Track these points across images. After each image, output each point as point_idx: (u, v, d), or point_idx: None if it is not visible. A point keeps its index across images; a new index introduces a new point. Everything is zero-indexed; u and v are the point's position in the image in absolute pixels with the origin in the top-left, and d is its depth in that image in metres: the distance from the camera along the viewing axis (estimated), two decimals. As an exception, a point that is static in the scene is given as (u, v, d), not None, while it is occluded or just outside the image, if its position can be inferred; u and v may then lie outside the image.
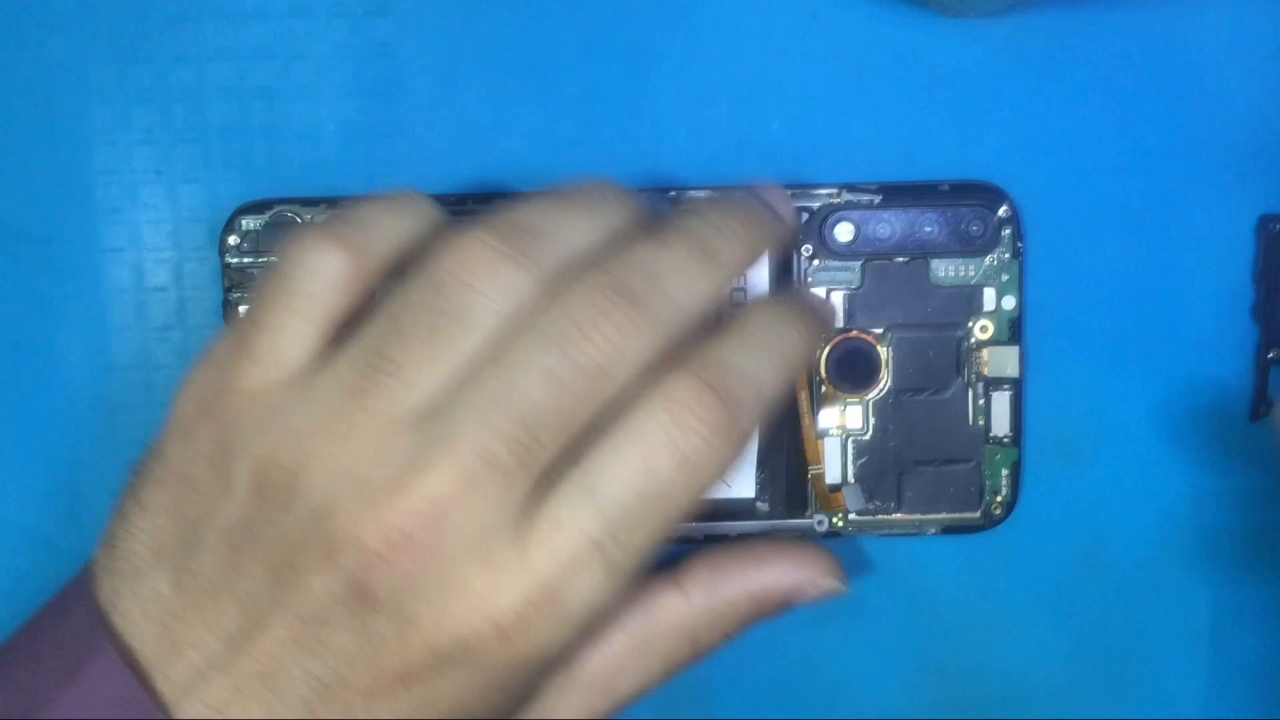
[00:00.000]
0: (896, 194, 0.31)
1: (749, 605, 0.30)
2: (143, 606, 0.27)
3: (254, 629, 0.26)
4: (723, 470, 0.26)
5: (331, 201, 0.32)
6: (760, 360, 0.27)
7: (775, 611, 0.31)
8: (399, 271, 0.27)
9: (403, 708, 0.26)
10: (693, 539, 0.32)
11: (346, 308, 0.27)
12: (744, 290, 0.31)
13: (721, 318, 0.28)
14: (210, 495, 0.27)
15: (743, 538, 0.32)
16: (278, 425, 0.26)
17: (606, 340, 0.26)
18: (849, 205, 0.31)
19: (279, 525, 0.26)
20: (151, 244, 0.32)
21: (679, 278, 0.27)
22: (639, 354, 0.26)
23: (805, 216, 0.32)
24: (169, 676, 0.26)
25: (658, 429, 0.26)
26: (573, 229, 0.27)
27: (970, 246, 0.32)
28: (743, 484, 0.32)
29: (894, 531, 0.32)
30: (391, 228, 0.27)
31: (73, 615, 0.27)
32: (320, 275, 0.26)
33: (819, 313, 0.30)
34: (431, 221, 0.28)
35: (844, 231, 0.32)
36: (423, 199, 0.28)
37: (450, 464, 0.25)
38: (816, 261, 0.32)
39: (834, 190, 0.32)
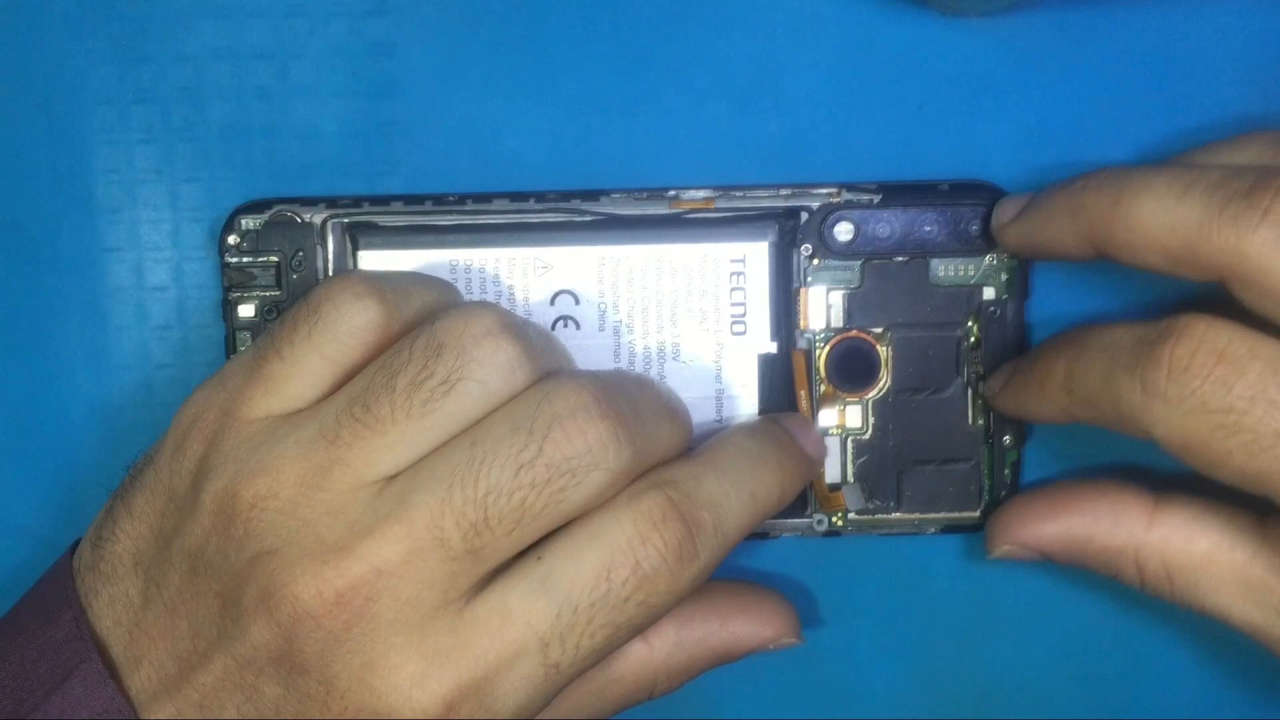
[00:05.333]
0: (896, 193, 0.31)
1: (711, 659, 0.30)
2: (114, 612, 0.27)
3: (200, 659, 0.26)
4: (675, 598, 0.26)
5: (331, 201, 0.32)
6: (731, 495, 0.27)
7: (734, 660, 0.31)
8: None
9: None
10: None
11: (364, 361, 0.27)
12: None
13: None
14: (184, 513, 0.27)
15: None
16: (252, 456, 0.26)
17: (586, 445, 0.25)
18: (849, 205, 0.31)
19: (230, 558, 0.26)
20: (151, 243, 0.32)
21: (661, 406, 0.28)
22: (612, 468, 0.26)
23: (805, 216, 0.32)
24: (130, 686, 0.27)
25: (622, 538, 0.26)
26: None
27: (970, 246, 0.32)
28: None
29: (893, 531, 0.32)
30: (428, 302, 0.28)
31: (58, 620, 0.27)
32: (354, 323, 0.26)
33: (805, 452, 0.30)
34: (456, 297, 0.29)
35: (843, 231, 0.32)
36: (453, 287, 0.29)
37: (399, 533, 0.25)
38: (816, 261, 0.32)
39: (834, 190, 0.32)
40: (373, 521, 0.25)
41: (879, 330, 0.32)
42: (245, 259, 0.32)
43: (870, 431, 0.32)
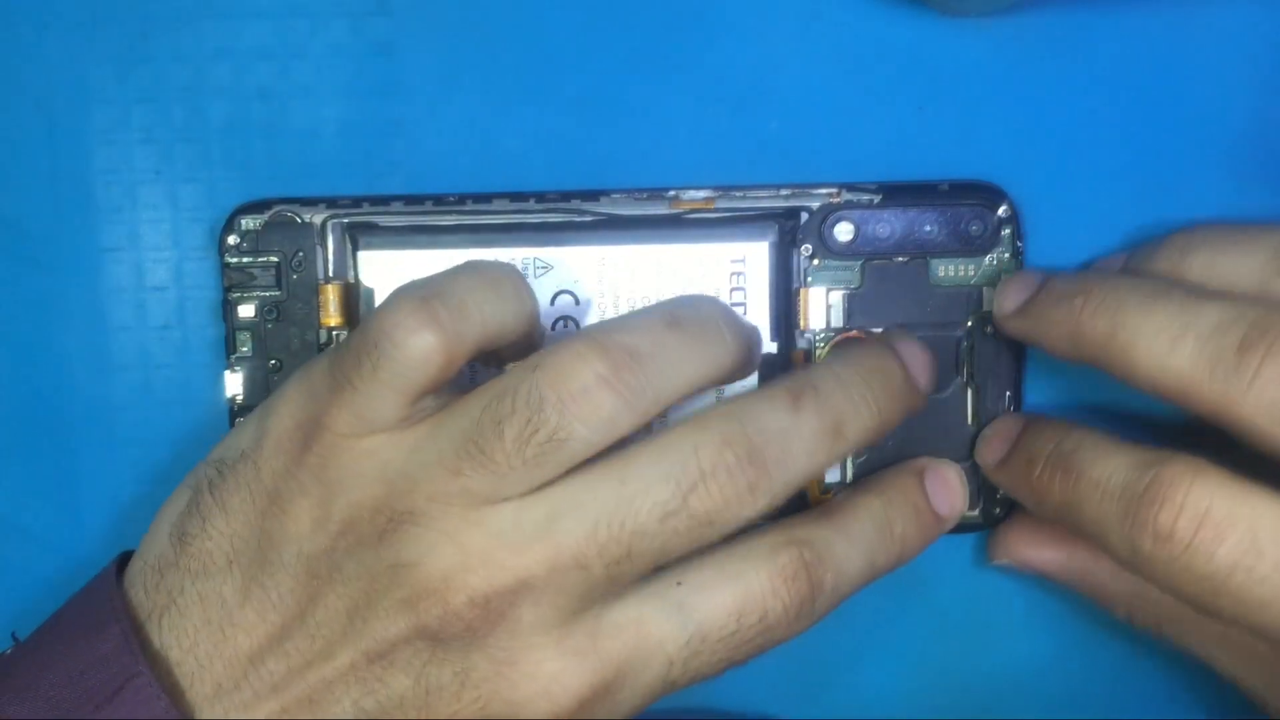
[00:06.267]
0: (896, 194, 0.31)
1: None
2: (204, 609, 0.27)
3: (319, 657, 0.27)
4: (781, 643, 0.28)
5: (331, 201, 0.32)
6: (854, 561, 0.29)
7: None
8: (491, 351, 0.28)
9: None
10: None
11: (436, 381, 0.27)
12: (744, 289, 0.31)
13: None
14: (299, 521, 0.27)
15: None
16: (381, 475, 0.27)
17: (724, 498, 0.27)
18: (849, 205, 0.31)
19: (366, 565, 0.27)
20: (151, 243, 0.32)
21: (804, 450, 0.27)
22: (747, 517, 0.27)
23: (805, 216, 0.32)
24: (220, 684, 0.27)
25: (757, 588, 0.27)
26: (683, 362, 0.27)
27: (970, 246, 0.32)
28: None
29: (894, 531, 0.32)
30: (487, 312, 0.27)
31: (106, 631, 0.27)
32: (411, 355, 0.26)
33: (938, 515, 0.31)
34: (527, 309, 0.28)
35: (844, 231, 0.32)
36: (520, 280, 0.28)
37: (545, 555, 0.26)
38: (816, 261, 0.32)
39: (834, 190, 0.32)
40: (518, 541, 0.26)
41: (879, 330, 0.32)
42: (245, 259, 0.32)
43: (870, 431, 0.32)
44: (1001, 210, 0.31)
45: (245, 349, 0.32)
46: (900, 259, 0.32)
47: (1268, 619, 0.26)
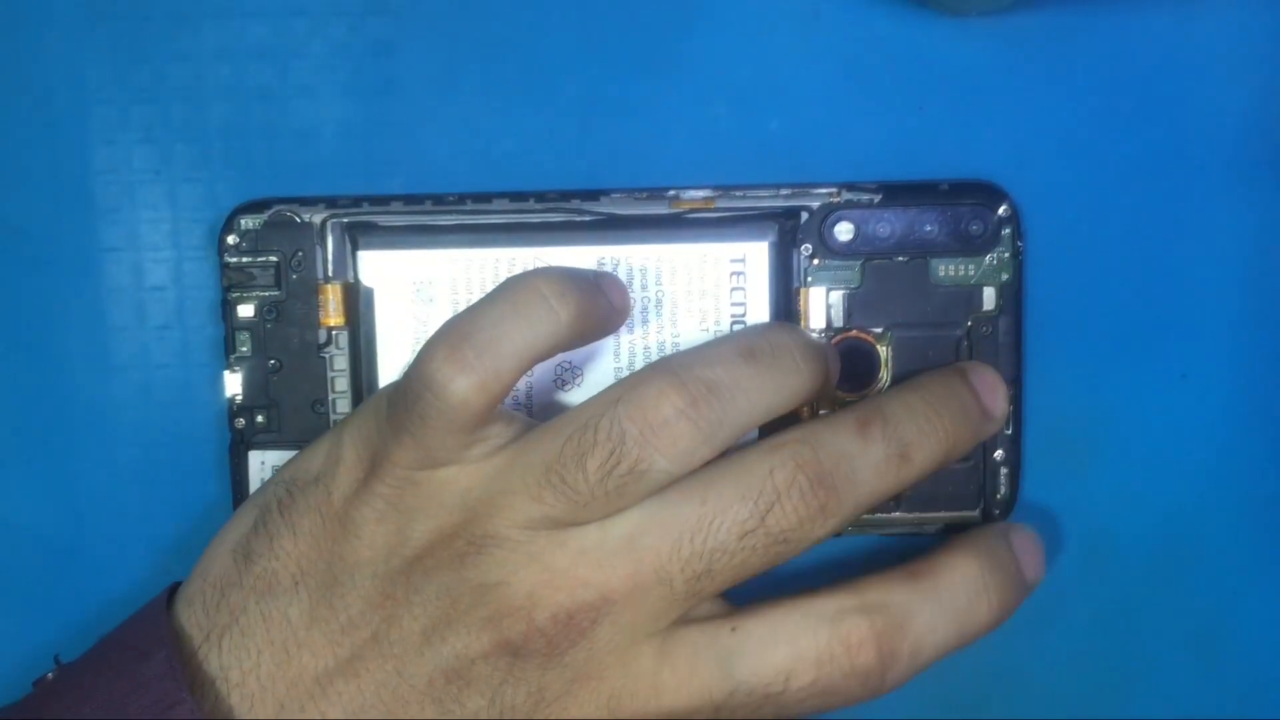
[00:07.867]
0: (896, 193, 0.31)
1: None
2: (268, 628, 0.28)
3: (392, 677, 0.27)
4: (845, 706, 0.28)
5: (331, 201, 0.32)
6: (939, 629, 0.28)
7: None
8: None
9: None
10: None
11: (487, 416, 0.27)
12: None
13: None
14: (374, 545, 0.28)
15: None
16: (461, 502, 0.27)
17: (798, 518, 0.27)
18: (849, 204, 0.31)
19: (447, 586, 0.27)
20: (150, 243, 0.32)
21: (872, 474, 0.28)
22: (818, 537, 0.28)
23: (805, 216, 0.32)
24: (282, 705, 0.27)
25: (812, 653, 0.27)
26: (758, 393, 0.28)
27: (970, 246, 0.32)
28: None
29: (894, 531, 0.32)
30: (519, 341, 0.27)
31: (152, 657, 0.27)
32: (452, 402, 0.27)
33: (1025, 579, 0.30)
34: (562, 321, 0.27)
35: (844, 231, 0.32)
36: (556, 289, 0.27)
37: (628, 570, 0.27)
38: (816, 261, 0.32)
39: (834, 190, 0.32)
40: (602, 557, 0.27)
41: (879, 330, 0.32)
42: (245, 259, 0.32)
43: (870, 431, 0.32)
44: (1001, 210, 0.31)
45: (245, 349, 0.32)
46: (900, 259, 0.32)
47: None
